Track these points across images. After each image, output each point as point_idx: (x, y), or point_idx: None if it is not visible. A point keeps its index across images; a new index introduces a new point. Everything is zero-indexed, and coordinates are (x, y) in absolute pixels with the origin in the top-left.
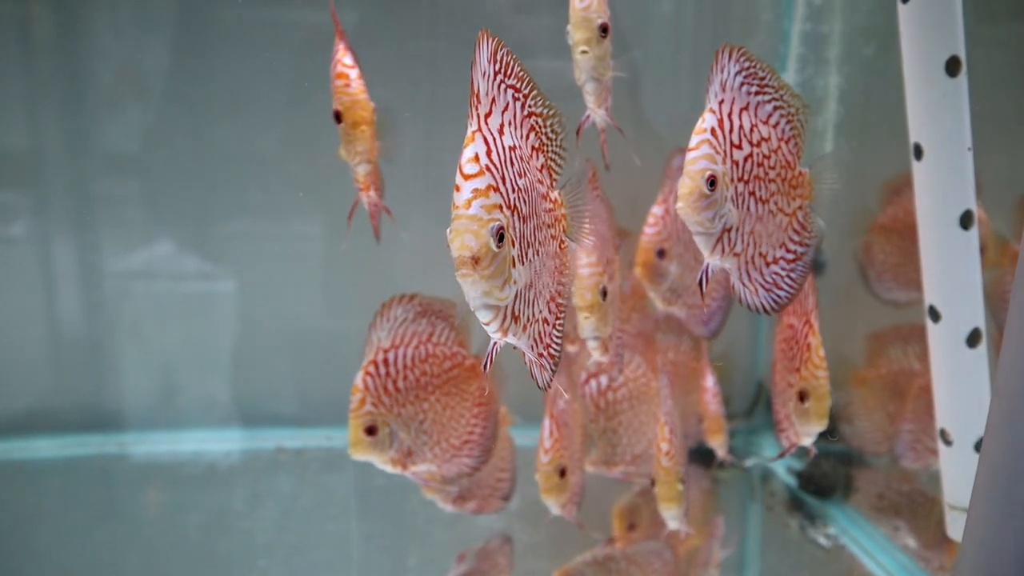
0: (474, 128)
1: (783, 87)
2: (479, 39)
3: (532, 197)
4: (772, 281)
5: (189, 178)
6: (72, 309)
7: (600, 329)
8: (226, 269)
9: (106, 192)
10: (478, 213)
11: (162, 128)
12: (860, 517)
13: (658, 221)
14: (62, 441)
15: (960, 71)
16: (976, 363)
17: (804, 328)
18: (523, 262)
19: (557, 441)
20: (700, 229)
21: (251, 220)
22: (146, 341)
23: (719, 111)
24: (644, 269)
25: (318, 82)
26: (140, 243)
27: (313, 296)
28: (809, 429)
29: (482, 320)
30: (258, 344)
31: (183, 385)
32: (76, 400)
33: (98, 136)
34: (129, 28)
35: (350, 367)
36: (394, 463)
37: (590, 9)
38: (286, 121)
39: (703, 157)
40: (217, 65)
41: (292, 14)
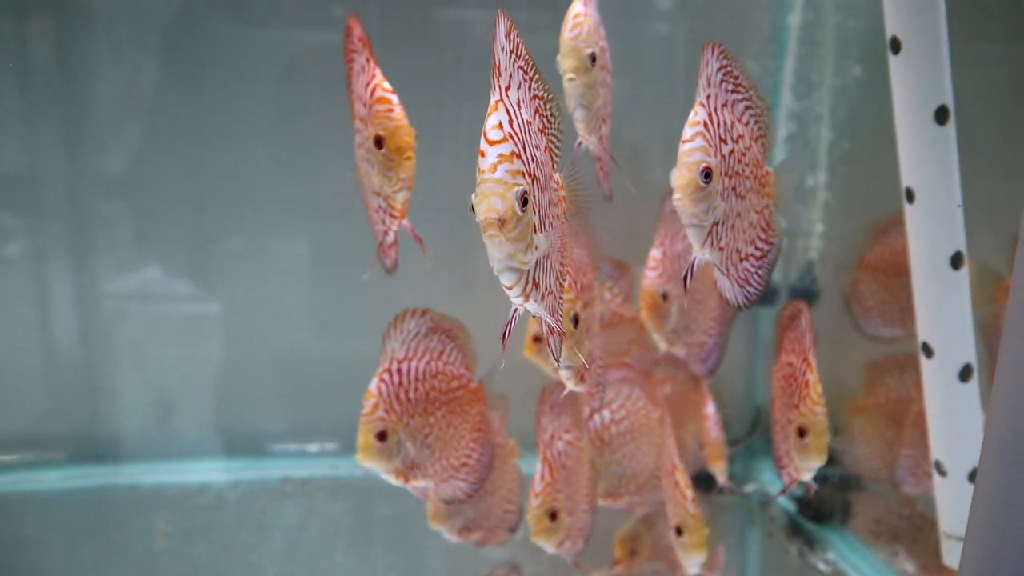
0: (496, 98)
1: (752, 87)
2: (498, 17)
3: (545, 171)
4: (744, 277)
5: (186, 199)
6: (67, 332)
7: (571, 359)
8: (226, 292)
9: (101, 213)
10: (503, 177)
11: (157, 149)
12: (858, 542)
13: (658, 264)
14: (67, 472)
15: (948, 120)
16: (968, 397)
17: (802, 366)
18: (542, 230)
19: (548, 484)
20: (695, 222)
21: (246, 240)
22: (144, 366)
23: (708, 105)
24: (649, 312)
25: (309, 102)
26: (135, 265)
27: (311, 319)
28: (809, 464)
29: (505, 283)
30: (258, 369)
31: (187, 413)
32: (76, 428)
33: (93, 157)
34: (124, 50)
35: (349, 394)
36: (398, 474)
37: (579, 39)
38: (279, 140)
39: (698, 149)
40: (212, 86)
41: (283, 34)
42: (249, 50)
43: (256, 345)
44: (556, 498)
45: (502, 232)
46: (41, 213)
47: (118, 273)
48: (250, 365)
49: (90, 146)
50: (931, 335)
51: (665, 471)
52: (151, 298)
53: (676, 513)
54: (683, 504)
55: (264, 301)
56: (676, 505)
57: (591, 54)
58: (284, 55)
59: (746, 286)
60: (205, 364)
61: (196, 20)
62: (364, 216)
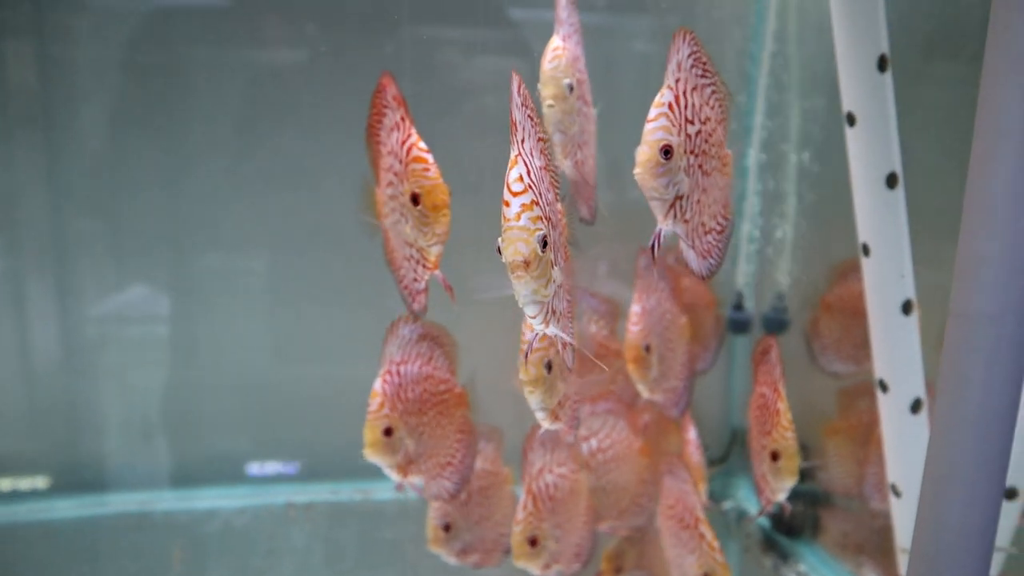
0: (515, 153)
1: (718, 74)
2: (512, 77)
3: (554, 208)
4: (707, 250)
5: (163, 221)
6: (50, 357)
7: (546, 401)
8: (211, 314)
9: (80, 233)
10: (527, 224)
11: (134, 166)
12: (827, 555)
13: (640, 319)
14: (79, 501)
15: (898, 184)
16: (919, 427)
17: (773, 395)
18: (557, 264)
19: (530, 514)
20: (655, 195)
21: (223, 259)
22: (131, 394)
23: (676, 88)
24: (634, 364)
25: (285, 125)
26: (117, 286)
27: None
28: (782, 485)
29: (530, 314)
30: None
31: (189, 439)
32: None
33: (70, 176)
34: (103, 68)
35: (341, 414)
36: (399, 469)
37: (558, 69)
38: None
39: (660, 128)
40: (191, 104)
41: (262, 55)
42: (228, 71)
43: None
44: (537, 526)
45: (527, 272)
46: (19, 233)
47: (96, 295)
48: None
49: (67, 167)
50: (885, 373)
51: (685, 524)
52: (130, 320)
53: (704, 563)
54: (711, 555)
55: (253, 323)
56: (703, 555)
57: (569, 84)
58: (261, 76)
59: (708, 258)
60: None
61: (176, 41)
62: (339, 242)
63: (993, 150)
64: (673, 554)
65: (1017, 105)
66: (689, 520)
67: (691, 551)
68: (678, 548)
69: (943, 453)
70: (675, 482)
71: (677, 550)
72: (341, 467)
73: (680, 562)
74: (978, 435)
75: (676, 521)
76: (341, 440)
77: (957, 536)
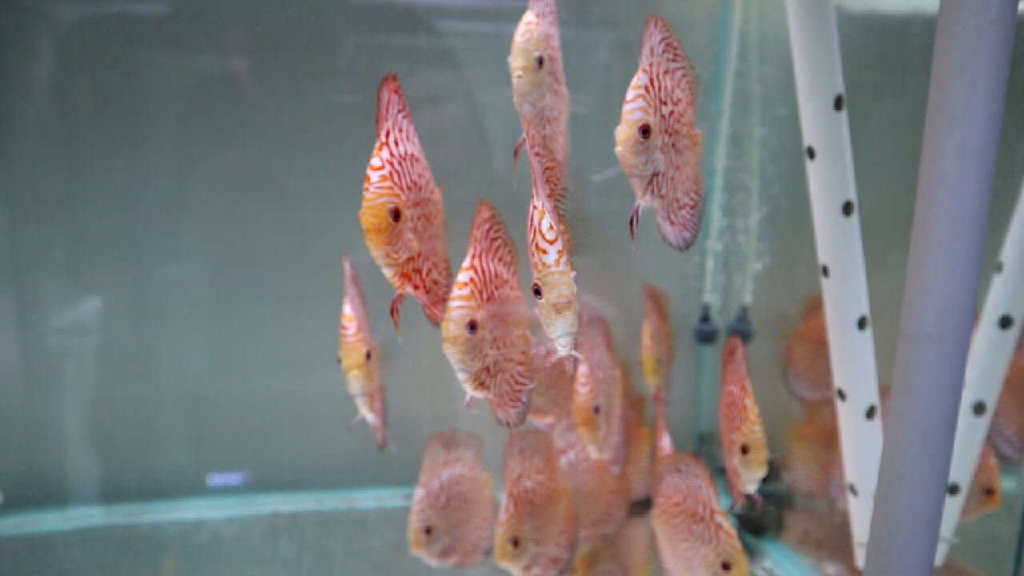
0: (541, 204)
1: (686, 58)
2: (527, 131)
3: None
4: (683, 223)
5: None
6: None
7: (465, 363)
8: (164, 327)
9: (34, 246)
10: (565, 268)
11: (95, 177)
12: (790, 551)
13: (588, 380)
14: (66, 514)
15: (853, 212)
16: (873, 432)
17: (740, 392)
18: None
19: (512, 516)
20: (635, 172)
21: (186, 271)
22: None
23: (650, 72)
24: (585, 427)
25: (250, 125)
26: (76, 297)
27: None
28: (752, 476)
29: (568, 333)
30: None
31: (177, 450)
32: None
33: (29, 185)
34: (60, 75)
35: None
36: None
37: (529, 42)
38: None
39: (638, 109)
40: (150, 109)
41: (223, 62)
42: (186, 80)
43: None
44: (519, 528)
45: (569, 311)
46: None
47: (54, 306)
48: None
49: (28, 173)
50: (843, 382)
51: (699, 517)
52: (91, 333)
53: (723, 551)
54: (730, 543)
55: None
56: (721, 544)
57: (539, 57)
58: (220, 85)
59: (684, 231)
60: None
61: (133, 49)
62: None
63: (933, 195)
64: (683, 548)
65: (953, 157)
66: (703, 513)
67: (707, 542)
68: (690, 542)
69: (895, 457)
70: (685, 479)
71: (688, 544)
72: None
73: (691, 555)
74: (924, 441)
75: (687, 517)
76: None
77: (907, 529)
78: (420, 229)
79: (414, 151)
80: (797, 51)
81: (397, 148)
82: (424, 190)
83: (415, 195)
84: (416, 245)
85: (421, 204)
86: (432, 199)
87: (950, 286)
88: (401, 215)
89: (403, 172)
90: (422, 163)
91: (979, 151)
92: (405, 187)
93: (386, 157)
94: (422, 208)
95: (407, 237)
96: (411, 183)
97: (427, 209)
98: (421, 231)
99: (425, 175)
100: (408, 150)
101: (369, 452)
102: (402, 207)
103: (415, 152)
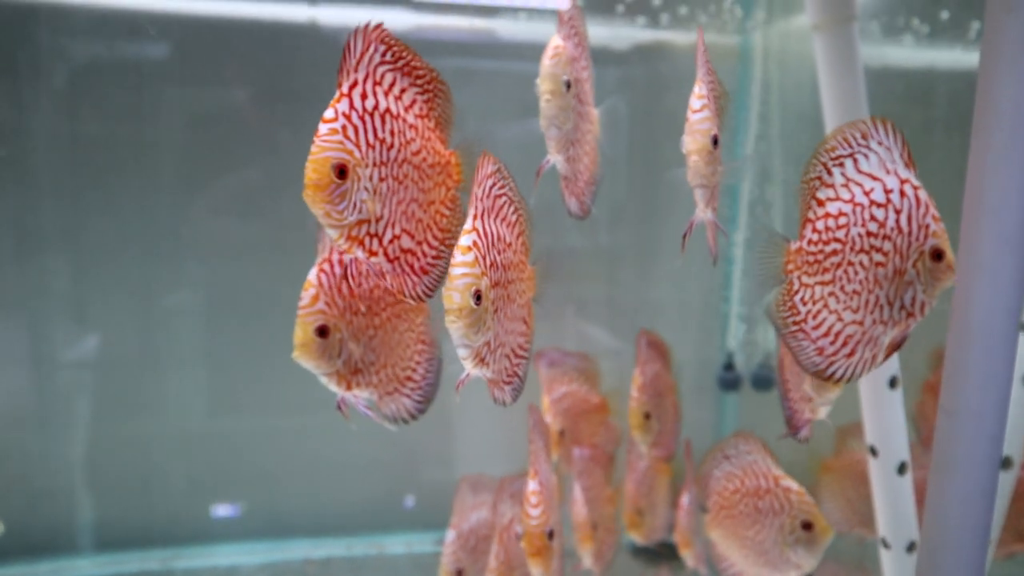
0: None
1: (715, 72)
2: (489, 165)
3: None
4: (714, 233)
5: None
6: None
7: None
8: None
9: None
10: (465, 275)
11: (101, 207)
12: None
13: (540, 500)
14: (98, 559)
15: (898, 386)
16: (904, 487)
17: None
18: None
19: (502, 563)
20: (704, 182)
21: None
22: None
23: (705, 83)
24: (537, 558)
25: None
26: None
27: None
28: (829, 396)
29: (461, 345)
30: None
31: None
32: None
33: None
34: (72, 111)
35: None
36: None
37: (556, 65)
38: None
39: (707, 120)
40: (157, 144)
41: (222, 93)
42: (190, 110)
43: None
44: (509, 574)
45: (461, 320)
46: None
47: (62, 341)
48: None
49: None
50: (875, 439)
51: (764, 490)
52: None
53: (800, 511)
54: (803, 501)
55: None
56: (795, 507)
57: (566, 80)
58: (223, 113)
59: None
60: None
61: (140, 81)
62: None
63: (971, 281)
64: (751, 534)
65: (991, 247)
66: (767, 484)
67: (777, 512)
68: (759, 523)
69: (936, 526)
70: (735, 461)
71: (757, 526)
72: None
73: (763, 537)
74: (964, 510)
75: (748, 497)
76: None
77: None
78: (385, 191)
79: (394, 108)
80: (826, 95)
81: (363, 101)
82: (399, 149)
83: (379, 154)
84: (372, 207)
85: (388, 164)
86: (413, 161)
87: (988, 365)
88: (348, 172)
89: (364, 128)
90: (406, 122)
91: (1016, 240)
92: (363, 143)
93: (342, 109)
94: (389, 169)
95: (358, 197)
96: (375, 140)
97: (399, 171)
98: (386, 193)
99: (407, 134)
100: (384, 105)
101: (397, 497)
102: (351, 164)
103: (395, 110)
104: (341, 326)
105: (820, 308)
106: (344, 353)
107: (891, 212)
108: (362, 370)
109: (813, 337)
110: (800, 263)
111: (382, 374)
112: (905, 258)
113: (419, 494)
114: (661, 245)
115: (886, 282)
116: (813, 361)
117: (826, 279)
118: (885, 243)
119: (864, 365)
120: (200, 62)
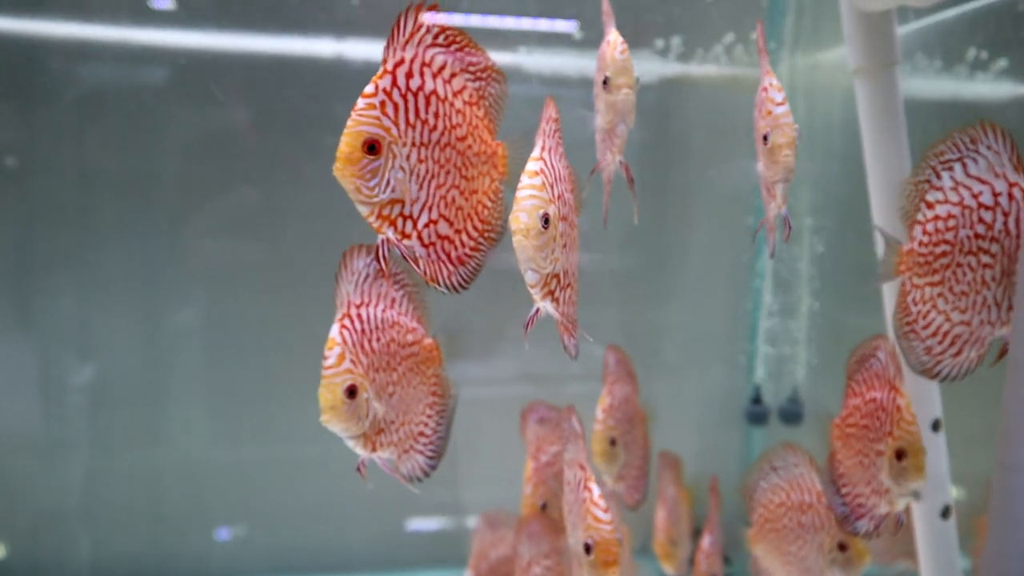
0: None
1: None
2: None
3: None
4: None
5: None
6: None
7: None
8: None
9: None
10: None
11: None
12: None
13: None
14: None
15: (941, 428)
16: (948, 531)
17: (890, 395)
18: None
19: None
20: (790, 177)
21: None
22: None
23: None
24: (601, 459)
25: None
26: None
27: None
28: (910, 487)
29: (529, 269)
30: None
31: None
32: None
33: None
34: (79, 134)
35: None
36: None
37: (628, 60)
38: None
39: (790, 114)
40: (163, 169)
41: (228, 113)
42: (197, 129)
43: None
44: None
45: (529, 239)
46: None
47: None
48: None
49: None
50: None
51: (807, 505)
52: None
53: (837, 531)
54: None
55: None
56: (832, 525)
57: (637, 76)
58: (232, 134)
59: None
60: None
61: (148, 100)
62: None
63: None
64: (794, 549)
65: None
66: (811, 499)
67: (819, 529)
68: (801, 539)
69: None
70: (782, 473)
71: (800, 542)
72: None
73: (805, 554)
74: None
75: (792, 511)
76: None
77: None
78: (424, 173)
79: (441, 91)
80: (869, 154)
81: (408, 80)
82: (442, 132)
83: (419, 134)
84: (407, 188)
85: (429, 146)
86: (457, 147)
87: None
88: (382, 149)
89: (406, 106)
90: (453, 107)
91: None
92: (402, 121)
93: (383, 85)
94: (430, 151)
95: (393, 175)
96: (417, 120)
97: (441, 155)
98: (425, 176)
99: (452, 119)
100: (430, 87)
101: (416, 534)
102: (386, 141)
103: (442, 92)
104: (367, 385)
105: (929, 308)
106: (371, 413)
107: (999, 215)
108: (384, 429)
109: (923, 336)
110: (911, 264)
111: (401, 432)
112: (1013, 260)
113: (426, 528)
114: (684, 274)
115: (994, 283)
116: (921, 360)
117: (935, 280)
118: (993, 245)
119: (970, 365)
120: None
